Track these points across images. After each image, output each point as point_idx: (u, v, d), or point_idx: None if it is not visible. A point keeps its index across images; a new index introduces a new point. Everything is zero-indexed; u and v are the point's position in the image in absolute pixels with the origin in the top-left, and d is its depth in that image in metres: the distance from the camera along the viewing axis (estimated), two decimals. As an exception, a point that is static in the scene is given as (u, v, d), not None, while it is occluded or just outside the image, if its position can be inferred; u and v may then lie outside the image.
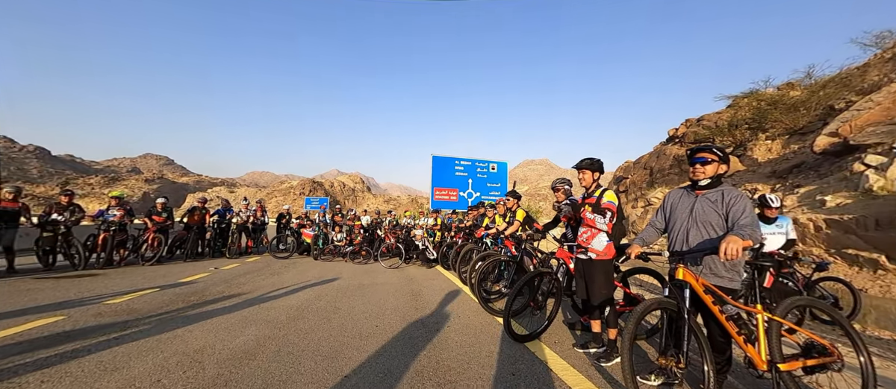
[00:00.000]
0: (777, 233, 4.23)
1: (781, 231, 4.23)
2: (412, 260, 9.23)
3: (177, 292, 5.13)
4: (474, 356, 3.01)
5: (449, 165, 16.50)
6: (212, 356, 2.84)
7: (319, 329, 3.59)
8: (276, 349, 3.04)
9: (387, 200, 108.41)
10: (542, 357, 3.03)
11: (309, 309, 4.40)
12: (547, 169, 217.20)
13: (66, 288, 5.18)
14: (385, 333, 3.55)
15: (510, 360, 2.94)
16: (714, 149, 2.34)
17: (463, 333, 3.59)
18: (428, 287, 6.08)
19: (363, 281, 6.40)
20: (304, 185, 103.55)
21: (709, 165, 2.34)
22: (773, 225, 4.24)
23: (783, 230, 4.24)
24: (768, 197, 4.25)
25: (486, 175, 17.03)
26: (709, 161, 2.34)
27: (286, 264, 8.56)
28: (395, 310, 4.43)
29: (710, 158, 2.33)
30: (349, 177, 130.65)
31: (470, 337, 3.47)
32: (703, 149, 2.36)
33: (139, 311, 4.06)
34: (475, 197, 16.48)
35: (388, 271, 7.82)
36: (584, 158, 3.22)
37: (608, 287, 3.07)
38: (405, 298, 5.16)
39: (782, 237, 4.21)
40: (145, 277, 6.20)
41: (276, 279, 6.48)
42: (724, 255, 1.96)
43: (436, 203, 15.86)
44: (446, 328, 3.76)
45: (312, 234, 10.18)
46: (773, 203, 4.19)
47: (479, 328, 3.79)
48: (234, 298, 4.84)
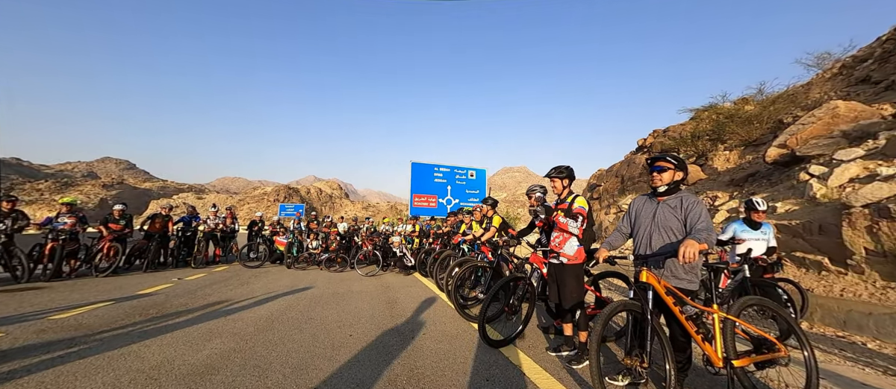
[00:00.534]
0: (761, 239, 4.29)
1: (765, 237, 4.31)
2: (390, 267, 9.11)
3: (133, 305, 4.79)
4: (449, 363, 3.00)
5: (428, 172, 16.51)
6: (170, 372, 2.67)
7: (289, 340, 3.46)
8: (241, 362, 2.90)
9: (365, 207, 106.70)
10: (517, 361, 3.06)
11: (279, 319, 4.24)
12: (525, 176, 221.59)
13: (4, 302, 4.72)
14: (359, 342, 3.47)
15: (485, 366, 2.95)
16: (669, 157, 2.49)
17: (439, 340, 3.57)
18: (405, 294, 6.01)
19: (338, 290, 6.25)
20: (278, 192, 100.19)
21: (665, 173, 2.49)
22: (758, 231, 4.30)
23: (767, 236, 4.31)
24: (754, 201, 4.26)
25: (465, 182, 17.17)
26: (665, 168, 2.48)
27: (257, 273, 8.22)
28: (370, 319, 4.35)
29: (666, 166, 2.48)
30: (326, 183, 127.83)
31: (445, 344, 3.45)
32: (659, 158, 2.51)
33: (89, 327, 3.76)
34: (454, 203, 16.55)
35: (364, 279, 7.67)
36: (555, 166, 3.33)
37: (579, 290, 3.16)
38: (381, 306, 5.08)
39: (765, 243, 4.30)
40: (98, 290, 5.76)
41: (245, 289, 6.20)
42: (683, 258, 2.08)
43: (415, 209, 15.78)
44: (422, 335, 3.73)
45: (286, 242, 9.85)
46: (760, 206, 4.21)
47: (454, 334, 3.78)
48: (198, 310, 4.58)
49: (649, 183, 2.55)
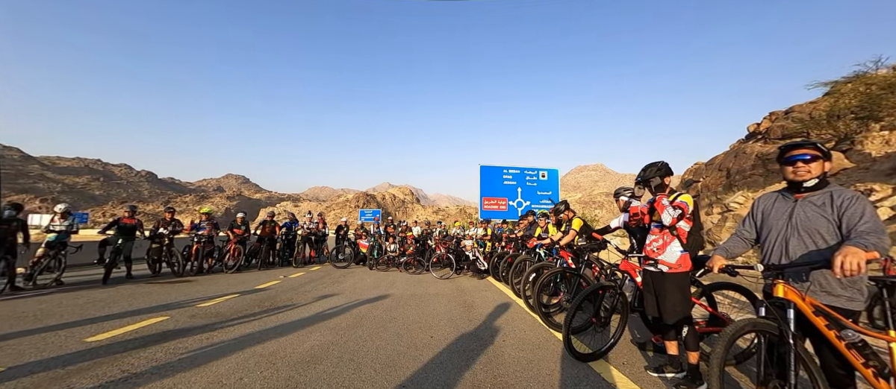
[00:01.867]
0: None
1: None
2: (463, 270, 9.20)
3: (253, 298, 5.69)
4: (534, 374, 2.87)
5: (497, 175, 16.32)
6: (284, 359, 3.07)
7: (377, 338, 3.70)
8: (338, 355, 3.20)
9: (436, 211, 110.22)
10: (610, 379, 2.78)
11: (366, 317, 4.58)
12: (602, 174, 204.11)
13: (168, 292, 6.04)
14: (439, 344, 3.55)
15: (573, 381, 2.74)
16: (816, 144, 2.00)
17: (520, 348, 3.45)
18: (480, 298, 5.99)
19: (416, 291, 6.51)
20: (358, 198, 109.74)
21: (813, 163, 2.00)
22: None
23: None
24: None
25: (536, 183, 16.52)
26: (812, 158, 2.00)
27: (345, 273, 9.06)
28: (448, 322, 4.42)
29: (813, 154, 1.99)
30: (399, 189, 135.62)
31: (527, 353, 3.32)
32: (802, 145, 2.03)
33: (223, 314, 4.56)
34: (524, 206, 16.05)
35: (439, 281, 7.87)
36: (648, 166, 2.93)
37: (684, 304, 2.74)
38: (458, 309, 5.13)
39: None
40: (228, 283, 6.99)
41: (337, 287, 6.87)
42: (842, 270, 1.64)
43: (485, 213, 15.73)
44: (501, 342, 3.65)
45: (368, 245, 10.68)
46: None
47: (536, 344, 3.61)
48: (301, 305, 5.22)
49: (790, 176, 2.08)
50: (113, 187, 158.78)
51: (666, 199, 2.75)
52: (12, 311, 4.55)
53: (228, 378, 2.67)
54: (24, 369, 2.73)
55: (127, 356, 3.05)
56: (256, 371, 2.80)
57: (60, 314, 4.43)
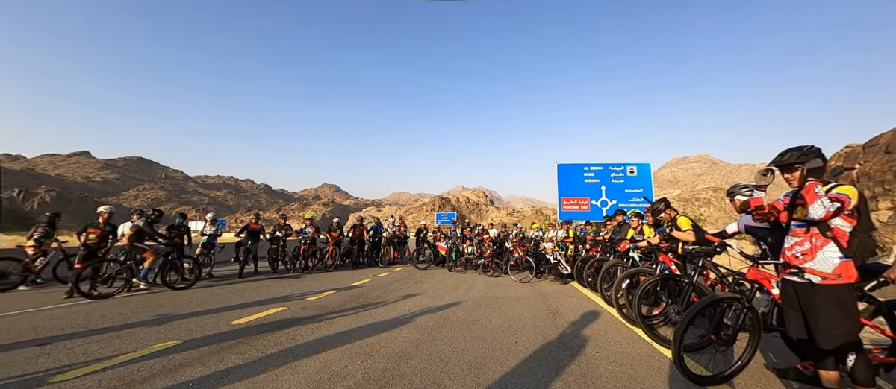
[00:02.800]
0: None
1: None
2: (543, 274, 8.81)
3: (349, 294, 6.33)
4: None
5: (577, 172, 15.26)
6: (379, 351, 3.34)
7: (461, 339, 3.76)
8: (427, 352, 3.34)
9: (510, 213, 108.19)
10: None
11: (450, 317, 4.70)
12: (707, 166, 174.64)
13: (284, 286, 7.11)
14: (525, 349, 3.44)
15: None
16: None
17: (617, 363, 3.13)
18: (565, 305, 5.64)
19: (496, 294, 6.45)
20: (433, 202, 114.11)
21: None
22: None
23: None
24: None
25: (624, 179, 14.93)
26: None
27: (426, 274, 9.48)
28: (533, 327, 4.26)
29: None
30: (473, 191, 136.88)
31: (628, 369, 2.99)
32: None
33: (327, 307, 5.18)
34: (610, 205, 14.64)
35: (519, 285, 7.67)
36: (790, 149, 2.37)
37: (847, 324, 2.15)
38: (542, 315, 4.92)
39: None
40: (328, 281, 7.92)
41: (420, 287, 7.22)
42: None
43: (564, 214, 14.83)
44: (594, 353, 3.36)
45: (446, 247, 11.00)
46: None
47: (636, 359, 3.24)
48: (390, 303, 5.62)
49: None
50: (241, 198, 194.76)
51: (820, 187, 2.19)
52: (184, 297, 5.90)
53: (335, 364, 3.00)
54: (193, 343, 3.50)
55: (259, 338, 3.67)
56: (357, 360, 3.10)
57: (213, 301, 5.58)
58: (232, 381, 2.64)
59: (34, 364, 2.93)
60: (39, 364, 2.93)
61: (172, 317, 4.50)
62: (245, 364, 2.99)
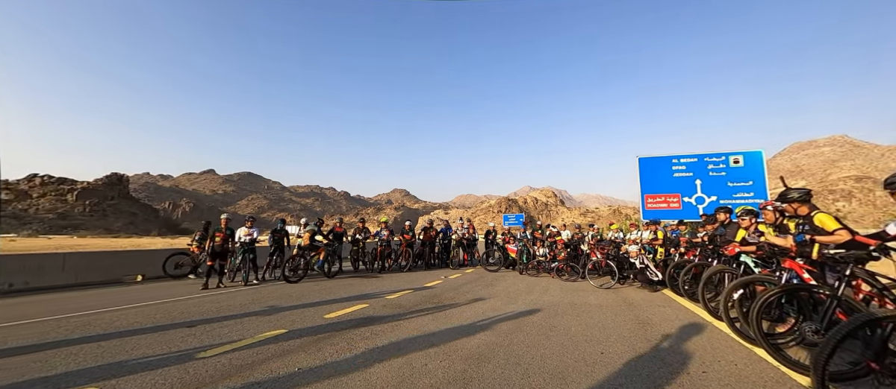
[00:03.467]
0: None
1: None
2: (627, 280, 7.99)
3: (423, 294, 6.57)
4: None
5: (663, 166, 13.57)
6: (457, 352, 3.38)
7: (540, 345, 3.60)
8: (505, 357, 3.27)
9: (584, 213, 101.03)
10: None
11: (525, 322, 4.55)
12: (845, 150, 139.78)
13: (365, 285, 7.70)
14: (613, 362, 3.14)
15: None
16: None
17: (731, 386, 2.66)
18: (658, 315, 5.02)
19: (574, 300, 6.05)
20: (500, 203, 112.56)
21: None
22: None
23: None
24: None
25: (725, 171, 12.78)
26: None
27: (497, 276, 9.36)
28: (620, 338, 3.88)
29: None
30: (541, 191, 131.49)
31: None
32: None
33: (405, 306, 5.45)
34: (708, 202, 12.67)
35: (599, 291, 7.08)
36: None
37: None
38: (630, 325, 4.45)
39: None
40: (403, 281, 8.34)
41: (492, 289, 7.16)
42: None
43: (648, 213, 13.30)
44: (700, 373, 2.91)
45: (516, 249, 10.72)
46: None
47: (757, 384, 2.71)
48: (462, 304, 5.67)
49: None
50: (326, 205, 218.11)
51: None
52: (285, 291, 6.78)
53: (416, 361, 3.13)
54: (296, 333, 3.99)
55: (348, 332, 4.02)
56: (436, 359, 3.18)
57: (308, 296, 6.30)
58: (329, 370, 2.93)
59: (185, 342, 3.65)
60: (188, 342, 3.64)
61: (279, 309, 5.20)
62: (338, 353, 3.29)
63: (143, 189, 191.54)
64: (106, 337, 3.78)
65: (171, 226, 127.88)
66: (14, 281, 7.06)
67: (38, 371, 2.89)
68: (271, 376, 2.78)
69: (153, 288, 7.44)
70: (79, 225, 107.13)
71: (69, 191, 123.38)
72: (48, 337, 3.78)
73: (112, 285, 7.85)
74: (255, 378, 2.74)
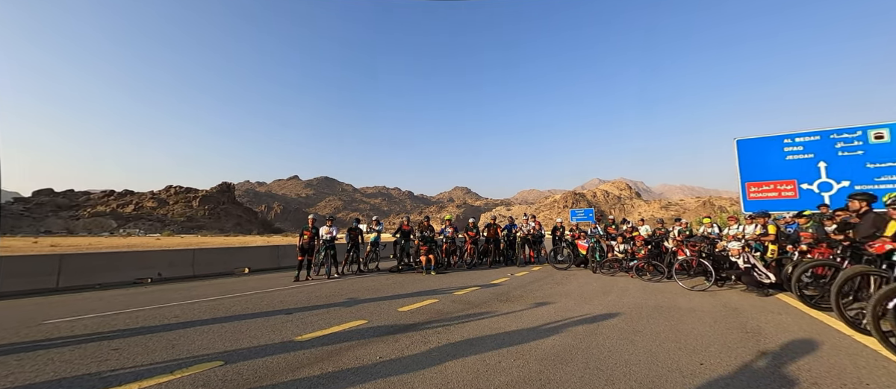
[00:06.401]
0: None
1: None
2: (727, 281, 6.92)
3: (490, 291, 6.53)
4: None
5: (771, 148, 11.46)
6: (531, 353, 3.28)
7: (623, 351, 3.31)
8: (583, 360, 3.08)
9: (665, 205, 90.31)
10: None
11: (605, 324, 4.22)
12: None
13: (432, 281, 7.94)
14: (716, 376, 2.74)
15: None
16: None
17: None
18: (771, 323, 4.25)
19: (660, 303, 5.44)
20: (566, 198, 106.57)
21: None
22: None
23: None
24: None
25: (863, 150, 10.29)
26: None
27: (567, 275, 8.88)
28: (723, 349, 3.37)
29: None
30: (612, 184, 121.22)
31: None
32: None
33: (473, 303, 5.48)
34: (838, 188, 10.33)
35: (690, 293, 6.26)
36: None
37: None
38: (735, 334, 3.84)
39: None
40: (469, 278, 8.40)
41: (562, 288, 6.81)
42: None
43: (751, 204, 11.36)
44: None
45: (587, 246, 10.04)
46: None
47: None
48: (533, 303, 5.49)
49: None
50: (392, 204, 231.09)
51: None
52: (362, 285, 7.34)
53: (490, 359, 3.12)
54: (374, 323, 4.30)
55: (423, 326, 4.19)
56: (509, 358, 3.13)
57: (382, 289, 6.73)
58: (407, 362, 3.08)
59: (285, 327, 4.17)
60: (288, 327, 4.15)
61: (358, 301, 5.65)
62: (414, 346, 3.45)
63: (244, 194, 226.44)
64: (227, 320, 4.52)
65: (267, 226, 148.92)
66: (162, 271, 8.86)
67: (180, 350, 3.58)
68: (358, 363, 3.03)
69: (257, 279, 8.67)
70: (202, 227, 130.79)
71: (194, 198, 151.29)
72: (186, 318, 4.65)
73: (226, 276, 9.35)
74: (344, 365, 3.01)
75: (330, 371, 2.88)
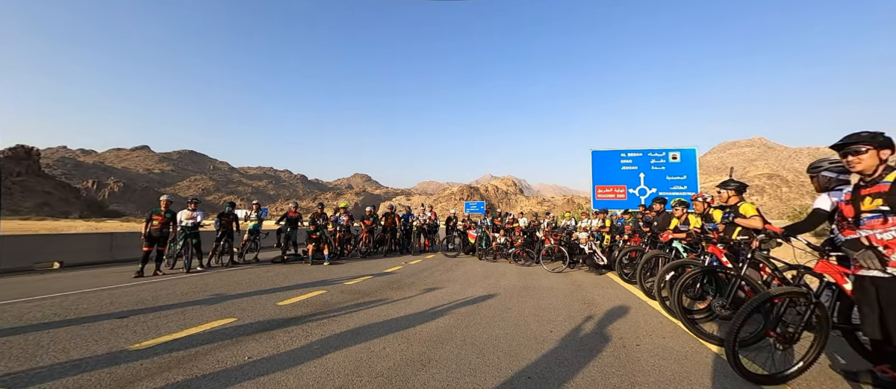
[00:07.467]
0: None
1: None
2: (577, 264, 8.58)
3: (383, 280, 6.54)
4: (684, 388, 2.46)
5: (613, 160, 14.56)
6: (416, 336, 3.43)
7: (494, 326, 3.78)
8: (462, 338, 3.39)
9: (540, 202, 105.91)
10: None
11: (483, 305, 4.73)
12: (761, 151, 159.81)
13: (322, 271, 7.48)
14: (561, 339, 3.39)
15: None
16: None
17: (660, 357, 3.01)
18: (601, 295, 5.48)
19: (528, 284, 6.39)
20: (462, 191, 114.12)
21: None
22: None
23: None
24: None
25: (665, 166, 14.02)
26: None
27: (456, 262, 9.56)
28: (568, 318, 4.19)
29: None
30: (502, 180, 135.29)
31: (672, 363, 2.86)
32: None
33: (364, 292, 5.39)
34: (650, 194, 13.87)
35: (551, 274, 7.54)
36: (856, 133, 2.15)
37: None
38: (577, 305, 4.81)
39: None
40: (362, 267, 8.22)
41: (451, 274, 7.31)
42: None
43: (599, 202, 14.27)
44: (634, 346, 3.25)
45: (476, 235, 11.00)
46: None
47: (681, 353, 3.09)
48: (423, 289, 5.74)
49: None
50: (280, 188, 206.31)
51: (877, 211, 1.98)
52: (234, 278, 6.39)
53: (375, 346, 3.13)
54: (246, 321, 3.80)
55: (304, 319, 3.91)
56: (395, 343, 3.21)
57: (261, 283, 5.99)
58: (283, 358, 2.83)
59: (115, 334, 3.31)
60: (119, 334, 3.31)
61: (227, 297, 4.89)
62: (293, 341, 3.19)
63: (58, 165, 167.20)
64: (19, 332, 3.31)
65: (96, 208, 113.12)
66: None
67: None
68: (218, 368, 2.63)
69: (74, 276, 6.61)
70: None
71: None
72: (-65, 335, 3.23)
73: (19, 273, 6.85)
74: (200, 370, 2.58)
75: (178, 380, 2.43)
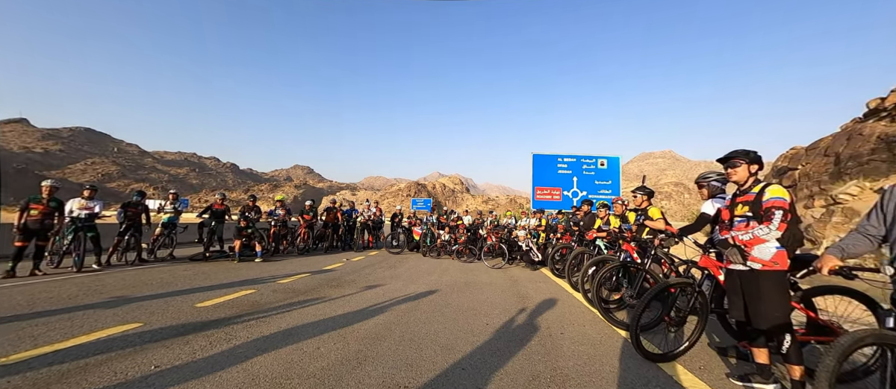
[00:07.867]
0: None
1: None
2: (515, 261, 9.10)
3: (322, 277, 6.25)
4: (596, 369, 2.77)
5: (551, 163, 15.67)
6: (353, 334, 3.35)
7: (434, 321, 3.86)
8: (400, 334, 3.40)
9: (485, 201, 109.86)
10: (685, 382, 2.58)
11: (424, 300, 4.78)
12: (670, 162, 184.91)
13: (253, 269, 6.90)
14: (495, 331, 3.59)
15: (642, 381, 2.60)
16: None
17: (579, 343, 3.35)
18: (534, 290, 5.89)
19: (469, 279, 6.61)
20: (410, 187, 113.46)
21: None
22: None
23: None
24: None
25: (595, 172, 15.52)
26: None
27: (400, 258, 9.51)
28: (503, 311, 4.43)
29: None
30: (449, 178, 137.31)
31: (588, 348, 3.21)
32: None
33: (299, 291, 5.10)
34: (581, 196, 15.24)
35: (491, 270, 7.89)
36: (736, 149, 2.64)
37: (781, 308, 2.41)
38: (512, 299, 5.11)
39: None
40: (300, 264, 7.76)
41: (394, 271, 7.25)
42: None
43: (537, 203, 15.27)
44: (559, 334, 3.57)
45: (421, 232, 11.05)
46: None
47: (597, 339, 3.47)
48: (364, 287, 5.61)
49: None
50: (205, 177, 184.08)
51: (744, 217, 2.50)
52: (142, 278, 5.59)
53: (308, 346, 2.99)
54: (156, 326, 3.36)
55: (228, 321, 3.58)
56: (330, 342, 3.11)
57: (176, 283, 5.33)
58: (200, 366, 2.57)
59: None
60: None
61: (130, 299, 4.26)
62: (213, 346, 2.91)
63: None
64: None
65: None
66: None
67: None
68: (115, 380, 2.30)
69: None
70: None
71: None
72: None
73: None
74: (89, 384, 2.22)
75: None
